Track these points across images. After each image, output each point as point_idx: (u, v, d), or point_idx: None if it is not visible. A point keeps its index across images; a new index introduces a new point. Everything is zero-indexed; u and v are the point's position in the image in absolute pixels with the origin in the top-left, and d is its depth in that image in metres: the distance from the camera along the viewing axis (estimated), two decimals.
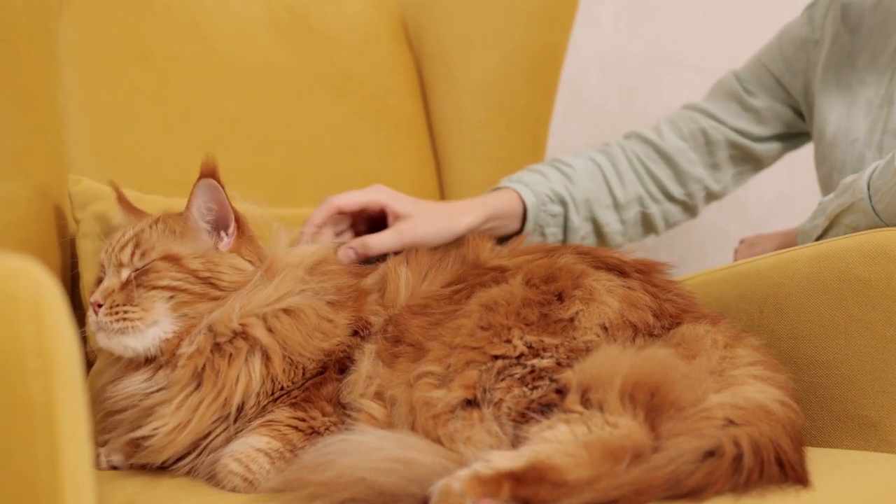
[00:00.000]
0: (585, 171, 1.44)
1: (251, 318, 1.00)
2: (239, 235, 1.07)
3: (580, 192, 1.42)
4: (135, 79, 1.38)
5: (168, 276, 1.01)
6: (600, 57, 2.08)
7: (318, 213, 1.23)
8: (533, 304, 0.96)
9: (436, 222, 1.27)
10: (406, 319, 1.01)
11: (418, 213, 1.26)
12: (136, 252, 1.02)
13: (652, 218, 1.49)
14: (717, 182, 1.51)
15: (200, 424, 0.98)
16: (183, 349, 0.99)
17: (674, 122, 1.50)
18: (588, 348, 0.93)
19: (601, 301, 0.98)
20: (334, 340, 1.02)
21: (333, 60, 1.55)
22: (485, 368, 0.91)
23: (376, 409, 0.95)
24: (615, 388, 0.86)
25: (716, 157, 1.49)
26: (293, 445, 0.96)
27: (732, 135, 1.48)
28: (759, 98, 1.47)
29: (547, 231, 1.41)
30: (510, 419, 0.89)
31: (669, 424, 0.85)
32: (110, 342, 1.00)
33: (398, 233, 1.24)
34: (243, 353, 0.99)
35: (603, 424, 0.84)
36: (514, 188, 1.38)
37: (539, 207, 1.39)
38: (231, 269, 1.04)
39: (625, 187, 1.45)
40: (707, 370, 0.92)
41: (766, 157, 1.52)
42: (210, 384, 0.98)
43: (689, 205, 1.51)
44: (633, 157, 1.47)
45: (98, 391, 1.05)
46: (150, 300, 1.00)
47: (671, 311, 1.01)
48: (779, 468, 0.83)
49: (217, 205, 1.06)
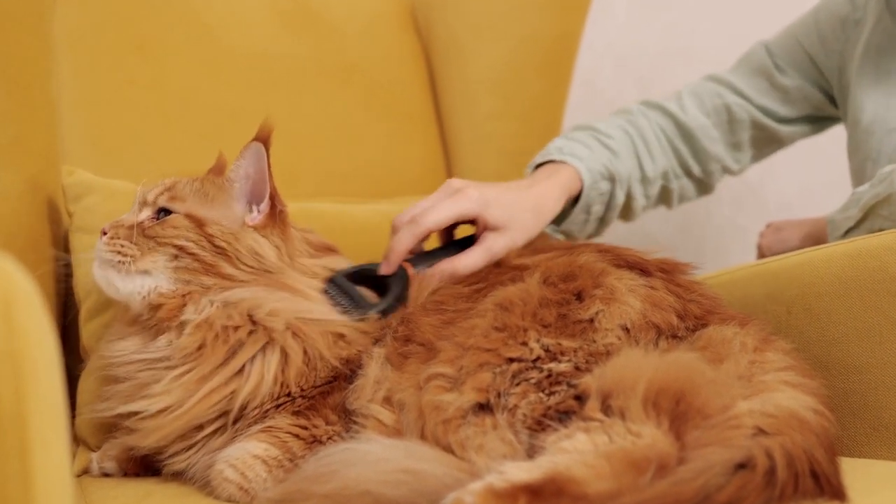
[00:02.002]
0: (624, 144, 1.35)
1: (279, 316, 0.96)
2: (270, 215, 1.02)
3: (623, 168, 1.33)
4: (131, 68, 1.36)
5: (183, 235, 0.98)
6: (613, 48, 2.04)
7: (405, 238, 1.07)
8: (550, 304, 0.92)
9: (528, 230, 1.14)
10: (418, 318, 0.97)
11: (512, 224, 1.11)
12: (165, 195, 1.01)
13: (670, 193, 1.42)
14: (735, 162, 1.44)
15: (199, 410, 0.93)
16: (188, 315, 0.95)
17: (698, 96, 1.42)
18: (608, 352, 0.89)
19: (623, 301, 0.93)
20: (354, 349, 0.98)
21: (338, 49, 1.53)
22: (499, 371, 0.87)
23: (385, 415, 0.91)
24: (638, 395, 0.81)
25: (737, 137, 1.42)
26: (293, 454, 0.92)
27: (757, 114, 1.41)
28: (789, 76, 1.40)
29: (592, 210, 1.31)
30: (525, 427, 0.84)
31: (695, 433, 0.81)
32: (99, 274, 0.99)
33: (488, 251, 1.08)
34: (258, 346, 0.94)
35: (625, 433, 0.80)
36: (573, 165, 1.27)
37: (592, 186, 1.29)
38: (249, 252, 0.99)
39: (654, 162, 1.38)
40: (735, 375, 0.87)
41: (788, 139, 1.45)
42: (212, 367, 0.93)
43: (705, 183, 1.45)
44: (658, 132, 1.40)
45: (102, 348, 1.02)
46: (151, 248, 0.98)
47: (696, 311, 0.96)
48: (813, 481, 0.78)
49: (256, 173, 1.01)
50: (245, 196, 1.02)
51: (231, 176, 1.02)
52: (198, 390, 0.92)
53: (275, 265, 0.99)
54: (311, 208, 1.28)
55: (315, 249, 1.07)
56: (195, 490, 0.94)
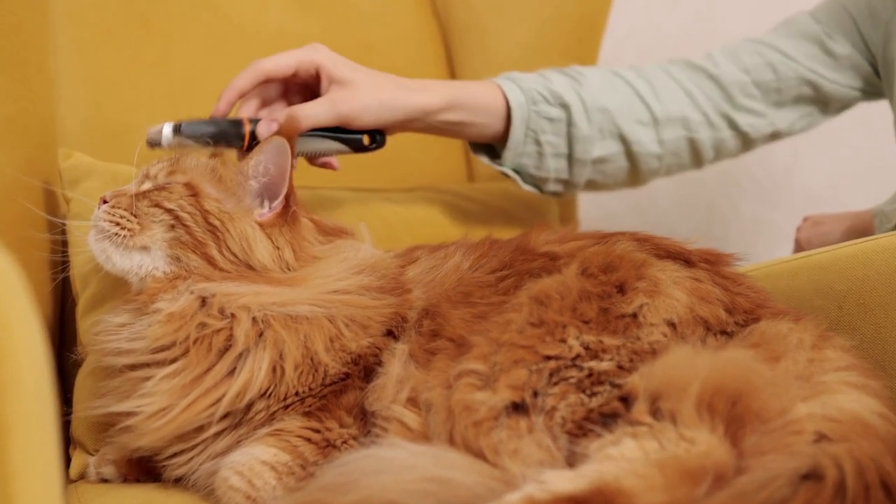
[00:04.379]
0: (602, 79, 1.26)
1: (263, 310, 0.90)
2: (281, 214, 0.96)
3: (593, 98, 1.22)
4: (134, 45, 1.33)
5: (178, 202, 0.94)
6: (634, 34, 1.98)
7: (240, 78, 1.07)
8: (591, 298, 0.86)
9: (381, 92, 1.09)
10: (446, 311, 0.91)
11: (360, 79, 1.09)
12: (167, 169, 0.99)
13: (699, 144, 1.29)
14: (782, 119, 1.32)
15: (189, 415, 0.87)
16: (161, 304, 0.91)
17: (733, 52, 1.31)
18: (654, 350, 0.83)
19: (667, 294, 0.87)
20: (364, 342, 0.91)
21: (354, 29, 1.49)
22: (535, 369, 0.81)
23: (410, 418, 0.85)
24: (691, 397, 0.75)
25: (781, 95, 1.30)
26: (304, 460, 0.87)
27: (806, 72, 1.29)
28: (839, 43, 1.29)
29: (543, 139, 1.21)
30: (564, 431, 0.78)
31: (752, 439, 0.75)
32: (95, 245, 0.96)
33: (332, 102, 1.07)
34: (245, 343, 0.88)
35: (677, 439, 0.74)
36: (498, 83, 1.19)
37: (529, 107, 1.19)
38: (239, 238, 0.94)
39: (662, 102, 1.26)
40: (794, 375, 0.81)
41: (837, 100, 1.33)
42: (194, 368, 0.88)
43: (749, 137, 1.32)
44: (678, 76, 1.29)
45: (97, 323, 0.98)
46: (149, 219, 0.94)
47: (745, 305, 0.90)
48: (884, 494, 0.71)
49: (276, 170, 0.96)
50: (259, 192, 0.97)
51: (247, 170, 0.97)
52: (188, 394, 0.87)
53: (260, 264, 0.94)
54: (318, 195, 1.24)
55: (325, 235, 1.01)
56: (199, 499, 0.89)
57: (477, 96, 1.17)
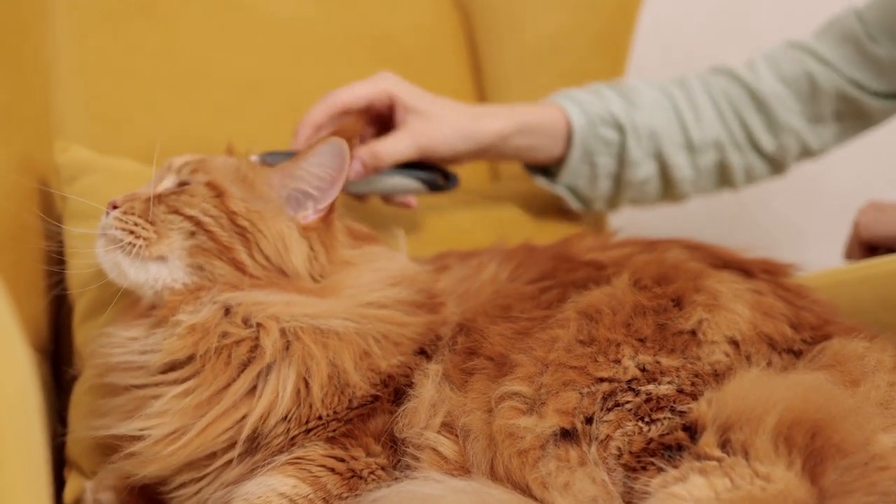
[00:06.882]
0: (653, 98, 1.24)
1: (293, 322, 0.82)
2: (322, 221, 0.89)
3: (644, 121, 1.22)
4: (136, 32, 1.27)
5: (200, 206, 0.87)
6: (659, 28, 1.91)
7: (315, 111, 1.05)
8: (646, 313, 0.79)
9: (458, 122, 1.08)
10: (483, 326, 0.83)
11: (437, 109, 1.07)
12: (190, 167, 0.91)
13: (730, 169, 1.28)
14: (816, 137, 1.29)
15: (203, 440, 0.80)
16: (182, 316, 0.83)
17: (774, 61, 1.28)
18: (715, 371, 0.76)
19: (728, 308, 0.80)
20: (395, 361, 0.83)
21: (369, 17, 1.44)
22: (587, 392, 0.74)
23: (445, 446, 0.78)
24: (767, 428, 0.68)
25: (820, 109, 1.27)
26: (327, 493, 0.79)
27: (846, 86, 1.26)
28: (883, 45, 1.24)
29: (598, 160, 1.20)
30: (621, 463, 0.71)
31: (833, 476, 0.68)
32: (105, 256, 0.87)
33: (412, 135, 1.05)
34: (265, 360, 0.80)
35: (752, 477, 0.67)
36: (560, 104, 1.19)
37: (589, 130, 1.18)
38: (274, 239, 0.86)
39: (702, 127, 1.25)
40: (875, 401, 0.74)
41: (878, 114, 1.30)
42: (210, 384, 0.80)
43: (778, 161, 1.30)
44: (717, 94, 1.27)
45: (96, 336, 0.91)
46: (167, 226, 0.86)
47: (811, 320, 0.83)
48: None
49: (331, 172, 0.88)
50: (303, 193, 0.89)
51: (293, 171, 0.89)
52: (203, 414, 0.80)
53: (293, 269, 0.86)
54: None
55: (355, 239, 0.94)
56: None
57: (542, 119, 1.16)
